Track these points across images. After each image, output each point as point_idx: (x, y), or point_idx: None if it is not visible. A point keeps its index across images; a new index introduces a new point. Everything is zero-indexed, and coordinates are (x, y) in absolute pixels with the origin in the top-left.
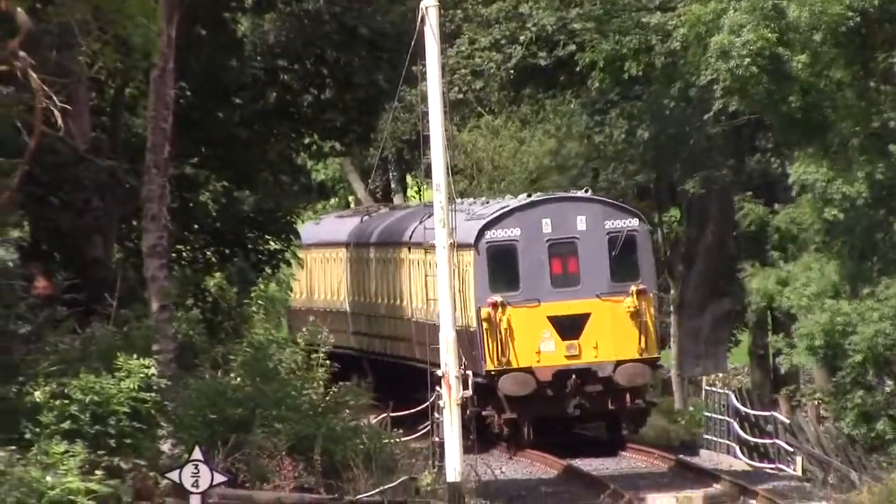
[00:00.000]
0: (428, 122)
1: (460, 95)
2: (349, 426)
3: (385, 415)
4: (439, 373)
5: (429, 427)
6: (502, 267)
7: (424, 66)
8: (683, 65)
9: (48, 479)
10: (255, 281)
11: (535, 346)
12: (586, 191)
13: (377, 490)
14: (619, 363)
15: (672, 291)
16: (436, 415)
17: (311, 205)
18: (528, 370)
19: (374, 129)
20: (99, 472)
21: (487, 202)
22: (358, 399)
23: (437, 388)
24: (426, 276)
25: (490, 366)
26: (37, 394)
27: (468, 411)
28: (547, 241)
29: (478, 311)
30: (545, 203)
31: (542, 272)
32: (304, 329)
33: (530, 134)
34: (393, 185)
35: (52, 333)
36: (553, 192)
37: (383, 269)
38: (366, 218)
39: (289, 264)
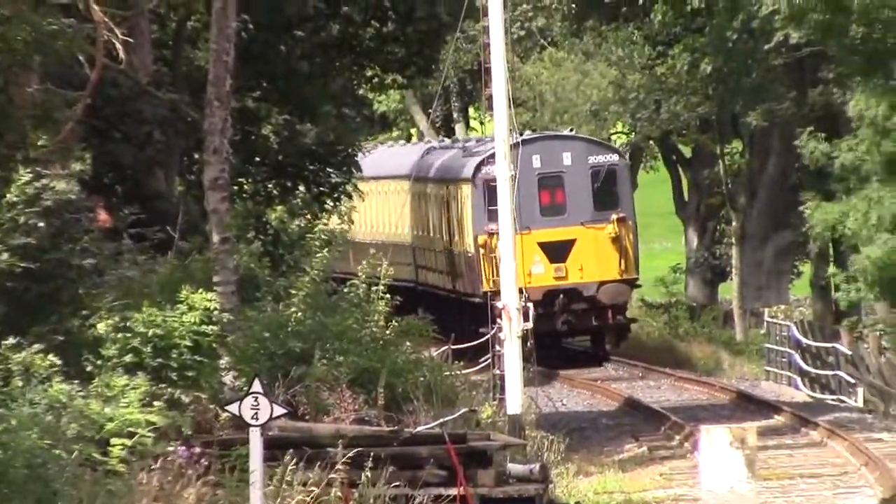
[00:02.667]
0: (490, 53)
1: (522, 32)
2: (410, 359)
3: (446, 348)
4: (499, 305)
5: (489, 360)
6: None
7: None
8: None
9: (107, 410)
10: (317, 213)
11: (526, 269)
12: (571, 130)
13: (437, 422)
14: (601, 283)
15: (734, 223)
16: (496, 347)
17: (373, 137)
18: (521, 290)
19: (435, 61)
20: (158, 404)
21: (480, 140)
22: (419, 332)
23: (498, 320)
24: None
25: (486, 287)
26: (100, 326)
27: (528, 343)
28: (537, 174)
29: (475, 238)
30: (535, 141)
31: (532, 203)
32: (363, 262)
33: (593, 66)
34: (455, 115)
35: (114, 267)
36: (541, 131)
37: (433, 203)
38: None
39: (350, 197)
